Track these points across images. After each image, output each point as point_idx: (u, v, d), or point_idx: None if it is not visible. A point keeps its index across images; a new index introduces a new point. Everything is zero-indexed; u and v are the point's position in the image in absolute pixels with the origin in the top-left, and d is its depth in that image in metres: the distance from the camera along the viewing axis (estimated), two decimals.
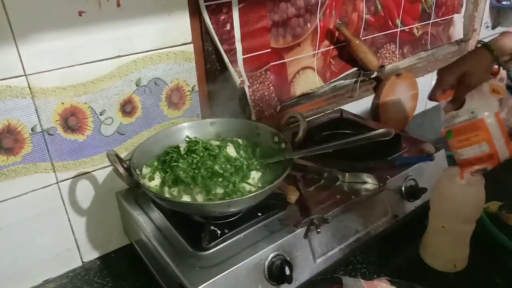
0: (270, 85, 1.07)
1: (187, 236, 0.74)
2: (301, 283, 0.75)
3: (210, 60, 0.96)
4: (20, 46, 0.70)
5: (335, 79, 1.26)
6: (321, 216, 0.76)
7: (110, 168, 0.87)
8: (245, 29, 0.97)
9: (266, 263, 0.71)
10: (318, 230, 0.74)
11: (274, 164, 0.83)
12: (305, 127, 0.87)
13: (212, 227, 0.75)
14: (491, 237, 0.89)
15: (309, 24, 1.11)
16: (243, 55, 0.99)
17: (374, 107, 1.38)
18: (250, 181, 0.80)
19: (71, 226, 0.87)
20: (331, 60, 1.23)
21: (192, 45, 0.90)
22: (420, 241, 0.88)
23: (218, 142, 0.89)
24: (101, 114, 0.82)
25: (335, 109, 1.26)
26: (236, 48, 0.97)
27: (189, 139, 0.89)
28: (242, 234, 0.75)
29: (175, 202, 0.76)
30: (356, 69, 1.30)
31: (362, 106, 1.36)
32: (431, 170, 0.96)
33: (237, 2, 0.93)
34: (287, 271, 0.69)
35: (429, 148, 1.01)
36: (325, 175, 0.91)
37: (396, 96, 1.39)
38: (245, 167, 0.82)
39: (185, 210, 0.78)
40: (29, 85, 0.73)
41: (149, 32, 0.83)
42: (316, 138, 1.06)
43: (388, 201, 0.89)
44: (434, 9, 1.47)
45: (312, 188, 0.88)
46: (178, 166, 0.79)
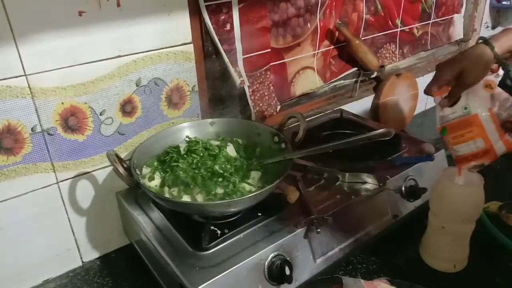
0: (270, 85, 1.07)
1: (187, 236, 0.74)
2: (301, 283, 0.75)
3: (210, 60, 0.96)
4: (20, 46, 0.70)
5: (335, 79, 1.26)
6: (321, 216, 0.76)
7: (110, 168, 0.87)
8: (245, 29, 0.97)
9: (266, 263, 0.71)
10: (318, 230, 0.74)
11: (274, 164, 0.83)
12: (305, 127, 0.87)
13: (212, 227, 0.75)
14: (491, 237, 0.89)
15: (309, 24, 1.11)
16: (243, 55, 0.99)
17: (374, 107, 1.38)
18: (250, 181, 0.80)
19: (71, 226, 0.87)
20: (331, 60, 1.23)
21: (192, 45, 0.90)
22: (420, 241, 0.88)
23: (218, 142, 0.89)
24: (101, 114, 0.82)
25: (335, 109, 1.26)
26: (236, 48, 0.97)
27: (189, 139, 0.89)
28: (242, 234, 0.75)
29: (175, 202, 0.76)
30: (356, 69, 1.30)
31: (362, 106, 1.36)
32: (431, 170, 0.96)
33: (237, 2, 0.93)
34: (287, 271, 0.69)
35: (429, 148, 1.01)
36: (325, 175, 0.91)
37: (396, 96, 1.39)
38: (245, 167, 0.82)
39: (185, 210, 0.78)
40: (29, 85, 0.73)
41: (149, 32, 0.83)
42: (316, 138, 1.06)
43: (388, 201, 0.89)
44: (434, 9, 1.47)
45: (312, 188, 0.88)
46: (178, 166, 0.80)
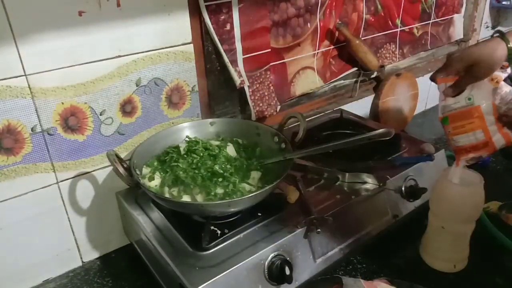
0: (270, 85, 1.07)
1: (187, 236, 0.74)
2: (301, 283, 0.75)
3: (210, 60, 0.96)
4: (20, 46, 0.70)
5: (335, 79, 1.26)
6: (321, 216, 0.76)
7: (110, 168, 0.87)
8: (245, 29, 0.97)
9: (266, 263, 0.71)
10: (318, 230, 0.74)
11: (274, 164, 0.83)
12: (305, 127, 0.87)
13: (212, 227, 0.75)
14: (491, 237, 0.89)
15: (309, 24, 1.11)
16: (243, 55, 0.99)
17: (374, 107, 1.38)
18: (250, 181, 0.80)
19: (71, 226, 0.87)
20: (331, 60, 1.23)
21: (192, 45, 0.90)
22: (420, 241, 0.88)
23: (218, 142, 0.89)
24: (101, 114, 0.82)
25: (335, 109, 1.26)
26: (236, 48, 0.97)
27: (189, 139, 0.89)
28: (242, 234, 0.75)
29: (175, 202, 0.76)
30: (356, 69, 1.30)
31: (362, 106, 1.36)
32: (431, 170, 0.96)
33: (237, 2, 0.93)
34: (287, 271, 0.69)
35: (429, 148, 1.01)
36: (325, 175, 0.91)
37: (396, 96, 1.39)
38: (245, 167, 0.82)
39: (185, 210, 0.78)
40: (29, 85, 0.73)
41: (149, 32, 0.83)
42: (316, 138, 1.06)
43: (388, 201, 0.89)
44: (434, 9, 1.47)
45: (312, 188, 0.88)
46: (178, 166, 0.80)
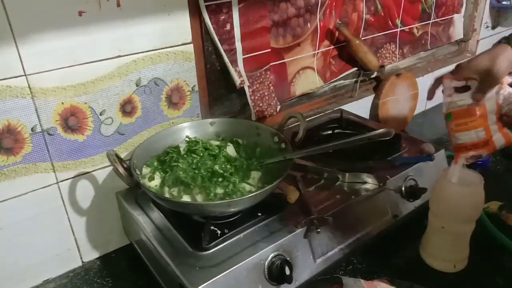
0: (270, 85, 1.07)
1: (187, 236, 0.74)
2: (301, 283, 0.75)
3: (210, 60, 0.96)
4: (20, 46, 0.70)
5: (335, 79, 1.26)
6: (321, 216, 0.76)
7: (110, 168, 0.87)
8: (245, 29, 0.97)
9: (266, 263, 0.71)
10: (318, 230, 0.74)
11: (274, 164, 0.83)
12: (305, 127, 0.87)
13: (212, 227, 0.75)
14: (491, 237, 0.89)
15: (309, 24, 1.11)
16: (243, 55, 0.99)
17: (374, 107, 1.38)
18: (250, 181, 0.80)
19: (71, 226, 0.87)
20: (331, 60, 1.23)
21: (192, 45, 0.90)
22: (420, 241, 0.88)
23: (218, 142, 0.89)
24: (101, 114, 0.82)
25: (335, 109, 1.26)
26: (236, 48, 0.97)
27: (189, 139, 0.89)
28: (242, 234, 0.75)
29: (175, 202, 0.76)
30: (356, 69, 1.30)
31: (362, 106, 1.35)
32: (431, 170, 0.96)
33: (237, 2, 0.93)
34: (287, 271, 0.69)
35: (429, 148, 1.01)
36: (325, 175, 0.91)
37: (396, 96, 1.39)
38: (245, 167, 0.82)
39: (185, 210, 0.78)
40: (29, 85, 0.73)
41: (149, 32, 0.83)
42: (316, 138, 1.06)
43: (388, 201, 0.89)
44: (434, 9, 1.47)
45: (312, 188, 0.88)
46: (178, 166, 0.80)
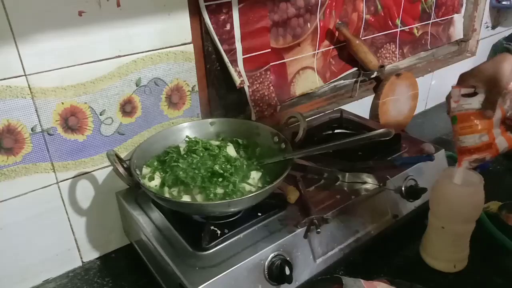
0: (270, 85, 1.07)
1: (187, 236, 0.74)
2: (301, 283, 0.75)
3: (210, 60, 0.96)
4: (20, 46, 0.70)
5: (335, 79, 1.26)
6: (321, 216, 0.76)
7: (110, 168, 0.87)
8: (245, 29, 0.97)
9: (266, 263, 0.71)
10: (318, 230, 0.74)
11: (274, 164, 0.83)
12: (305, 127, 0.87)
13: (212, 227, 0.75)
14: (491, 237, 0.89)
15: (309, 24, 1.11)
16: (243, 55, 0.99)
17: (374, 107, 1.38)
18: (250, 181, 0.80)
19: (71, 226, 0.87)
20: (331, 60, 1.23)
21: (192, 45, 0.90)
22: (420, 241, 0.88)
23: (218, 142, 0.89)
24: (101, 114, 0.82)
25: (335, 109, 1.26)
26: (236, 48, 0.97)
27: (189, 139, 0.89)
28: (242, 234, 0.75)
29: (175, 202, 0.76)
30: (356, 69, 1.30)
31: (362, 106, 1.36)
32: (431, 170, 0.96)
33: (237, 2, 0.93)
34: (287, 271, 0.69)
35: (429, 148, 1.01)
36: (325, 175, 0.91)
37: (396, 96, 1.39)
38: (245, 167, 0.82)
39: (185, 210, 0.78)
40: (29, 85, 0.73)
41: (149, 32, 0.83)
42: (316, 138, 1.06)
43: (388, 201, 0.89)
44: (434, 9, 1.47)
45: (312, 188, 0.88)
46: (178, 166, 0.79)
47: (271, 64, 1.07)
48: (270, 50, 1.04)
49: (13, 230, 0.79)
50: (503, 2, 1.65)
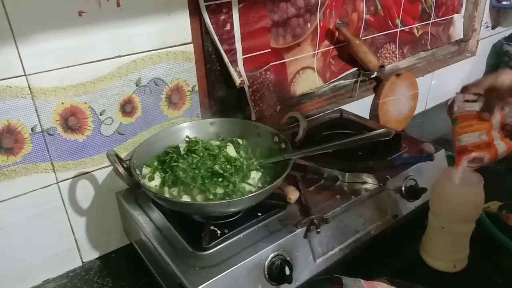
0: (270, 85, 1.07)
1: (187, 236, 0.74)
2: (301, 283, 0.75)
3: (210, 60, 0.96)
4: (20, 46, 0.70)
5: (335, 79, 1.26)
6: (321, 216, 0.76)
7: (110, 168, 0.87)
8: (245, 29, 0.97)
9: (266, 263, 0.71)
10: (318, 230, 0.74)
11: (274, 164, 0.83)
12: (305, 127, 0.87)
13: (212, 227, 0.75)
14: (491, 237, 0.89)
15: (309, 24, 1.11)
16: (243, 55, 0.99)
17: (374, 107, 1.38)
18: (250, 181, 0.80)
19: (71, 226, 0.87)
20: (331, 60, 1.23)
21: (192, 45, 0.90)
22: (420, 241, 0.88)
23: (218, 142, 0.89)
24: (101, 114, 0.82)
25: (335, 109, 1.26)
26: (236, 48, 0.97)
27: (189, 139, 0.89)
28: (242, 234, 0.75)
29: (175, 202, 0.76)
30: (356, 69, 1.30)
31: (362, 106, 1.36)
32: (431, 170, 0.96)
33: (237, 2, 0.93)
34: (287, 271, 0.69)
35: (429, 148, 1.01)
36: (325, 175, 0.91)
37: (396, 96, 1.39)
38: (245, 167, 0.82)
39: (185, 210, 0.78)
40: (29, 85, 0.73)
41: (149, 32, 0.83)
42: (316, 138, 1.06)
43: (388, 201, 0.89)
44: (434, 9, 1.47)
45: (312, 188, 0.88)
46: (178, 166, 0.79)
47: (271, 64, 1.07)
48: (270, 50, 1.04)
49: (13, 230, 0.79)
50: (503, 2, 1.65)
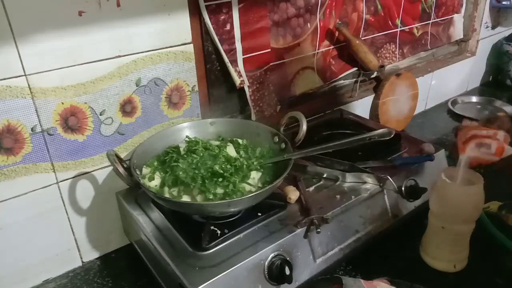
0: (270, 85, 1.07)
1: (187, 236, 0.74)
2: (301, 283, 0.75)
3: (210, 60, 0.96)
4: (20, 46, 0.70)
5: (335, 79, 1.26)
6: (321, 216, 0.76)
7: (110, 168, 0.87)
8: (245, 29, 0.97)
9: (266, 263, 0.71)
10: (318, 230, 0.74)
11: (274, 164, 0.83)
12: (305, 127, 0.87)
13: (212, 227, 0.75)
14: (491, 237, 0.89)
15: (309, 24, 1.11)
16: (243, 55, 0.99)
17: (374, 107, 1.38)
18: (250, 181, 0.80)
19: (71, 226, 0.87)
20: (331, 60, 1.23)
21: (192, 45, 0.90)
22: (420, 241, 0.88)
23: (218, 142, 0.89)
24: (101, 114, 0.82)
25: (335, 109, 1.26)
26: (236, 48, 0.97)
27: (189, 139, 0.89)
28: (242, 234, 0.75)
29: (175, 202, 0.76)
30: (356, 69, 1.30)
31: (362, 106, 1.36)
32: (431, 170, 0.96)
33: (237, 2, 0.93)
34: (287, 271, 0.69)
35: (429, 148, 1.01)
36: (325, 175, 0.91)
37: (396, 96, 1.39)
38: (245, 167, 0.82)
39: (185, 210, 0.78)
40: (29, 85, 0.73)
41: (149, 32, 0.83)
42: (316, 138, 1.06)
43: (388, 201, 0.89)
44: (434, 9, 1.47)
45: (312, 188, 0.88)
46: (178, 166, 0.79)
47: (271, 64, 1.07)
48: (270, 50, 1.04)
49: (13, 230, 0.79)
50: (503, 2, 1.65)
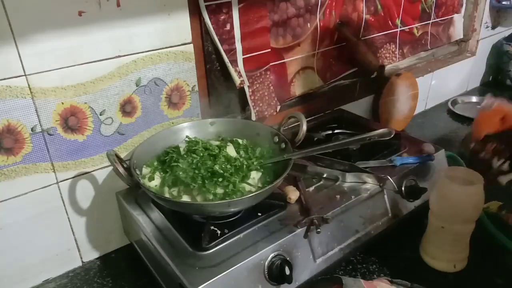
0: (270, 85, 1.07)
1: (187, 236, 0.74)
2: (301, 283, 0.75)
3: (210, 60, 0.96)
4: (20, 46, 0.70)
5: (335, 79, 1.26)
6: (321, 216, 0.76)
7: (110, 168, 0.87)
8: (245, 29, 0.97)
9: (266, 263, 0.71)
10: (318, 230, 0.74)
11: (274, 164, 0.83)
12: (305, 127, 0.87)
13: (212, 227, 0.75)
14: (491, 237, 0.89)
15: (309, 24, 1.11)
16: (243, 55, 0.99)
17: (374, 107, 1.38)
18: (250, 181, 0.80)
19: (71, 226, 0.87)
20: (331, 60, 1.23)
21: (192, 45, 0.90)
22: (420, 241, 0.88)
23: (218, 142, 0.89)
24: (101, 114, 0.82)
25: (335, 109, 1.26)
26: (236, 48, 0.97)
27: (189, 139, 0.89)
28: (242, 234, 0.75)
29: (175, 202, 0.76)
30: (356, 69, 1.30)
31: (362, 106, 1.36)
32: (431, 170, 0.96)
33: (237, 2, 0.93)
34: (287, 271, 0.69)
35: (429, 148, 1.01)
36: (325, 175, 0.91)
37: (396, 96, 1.39)
38: (245, 167, 0.82)
39: (185, 210, 0.78)
40: (29, 85, 0.73)
41: (149, 32, 0.83)
42: (316, 138, 1.06)
43: (388, 201, 0.89)
44: (434, 9, 1.47)
45: (312, 188, 0.88)
46: (178, 166, 0.79)
47: (271, 64, 1.07)
48: (270, 50, 1.04)
49: (13, 230, 0.79)
50: (503, 2, 1.65)
